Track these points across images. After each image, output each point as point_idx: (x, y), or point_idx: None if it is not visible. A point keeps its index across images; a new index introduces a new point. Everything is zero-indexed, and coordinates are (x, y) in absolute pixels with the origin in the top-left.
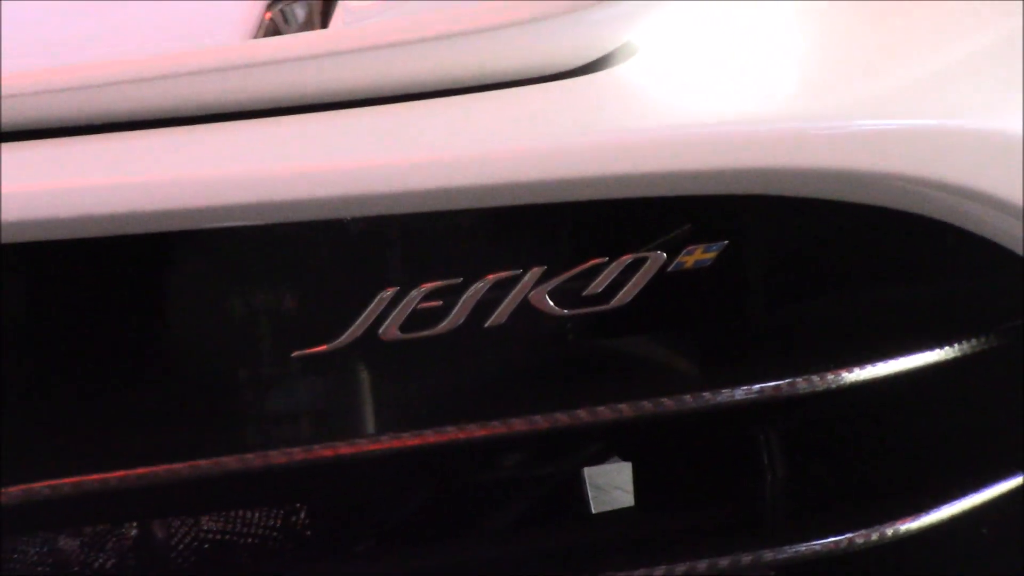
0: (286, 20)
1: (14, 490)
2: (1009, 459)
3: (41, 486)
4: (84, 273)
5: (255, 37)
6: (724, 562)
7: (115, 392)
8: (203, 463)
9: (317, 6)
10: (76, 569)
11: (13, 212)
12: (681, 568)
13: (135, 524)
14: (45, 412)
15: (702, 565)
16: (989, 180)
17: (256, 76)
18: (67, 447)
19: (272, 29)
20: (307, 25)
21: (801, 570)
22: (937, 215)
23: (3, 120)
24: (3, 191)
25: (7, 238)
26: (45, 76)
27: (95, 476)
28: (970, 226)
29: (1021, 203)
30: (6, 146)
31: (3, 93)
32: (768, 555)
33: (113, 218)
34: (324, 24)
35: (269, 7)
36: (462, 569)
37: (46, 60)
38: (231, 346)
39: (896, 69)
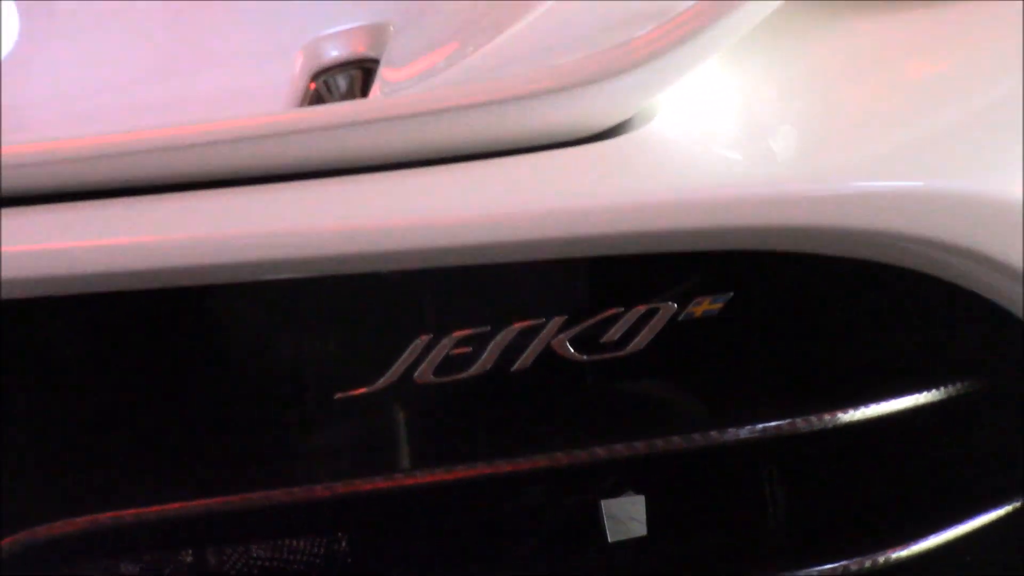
0: (329, 90)
1: (81, 520)
2: (989, 494)
3: (110, 516)
4: (159, 320)
5: (301, 105)
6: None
7: (185, 430)
8: (254, 496)
9: (358, 76)
10: None
11: (117, 262)
12: None
13: (192, 551)
14: (123, 450)
15: None
16: (970, 237)
17: (303, 141)
18: (139, 481)
19: (316, 98)
20: (348, 95)
21: None
22: (922, 268)
23: (100, 177)
24: (111, 242)
25: (98, 287)
26: (127, 138)
27: (166, 506)
28: (953, 278)
29: (997, 256)
30: (113, 201)
31: (94, 154)
32: None
33: (190, 270)
34: (364, 93)
35: (314, 78)
36: None
37: (114, 125)
38: (282, 388)
39: (886, 133)
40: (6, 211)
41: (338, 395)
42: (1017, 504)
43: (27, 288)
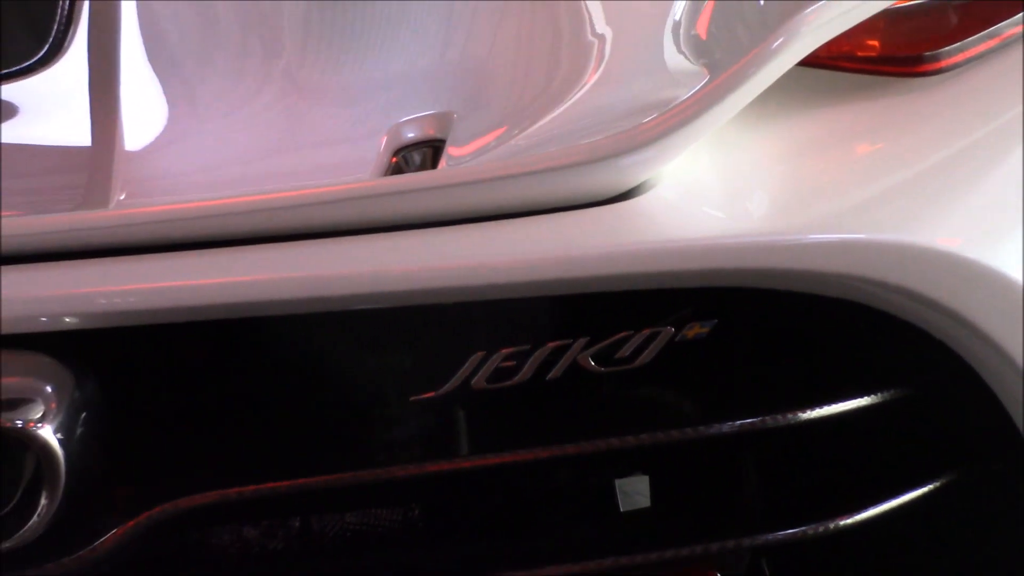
0: (406, 163)
1: (213, 493)
2: (916, 475)
3: (236, 491)
4: (283, 339)
5: (385, 175)
6: (714, 547)
7: (296, 424)
8: (347, 476)
9: (428, 153)
10: (254, 550)
11: (259, 293)
12: (685, 551)
13: (299, 519)
14: (248, 439)
15: (698, 549)
16: (899, 276)
17: (387, 202)
18: (259, 463)
19: (396, 169)
20: (421, 167)
21: (770, 552)
22: (863, 300)
23: (241, 229)
24: (258, 278)
25: (236, 314)
26: (262, 198)
27: (280, 483)
28: (886, 308)
29: (920, 290)
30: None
31: (237, 211)
32: (746, 541)
33: (311, 300)
34: (434, 166)
35: (395, 154)
36: (523, 546)
37: (248, 189)
38: (371, 392)
39: (836, 197)
40: (183, 253)
41: (412, 398)
42: (938, 483)
43: (189, 313)
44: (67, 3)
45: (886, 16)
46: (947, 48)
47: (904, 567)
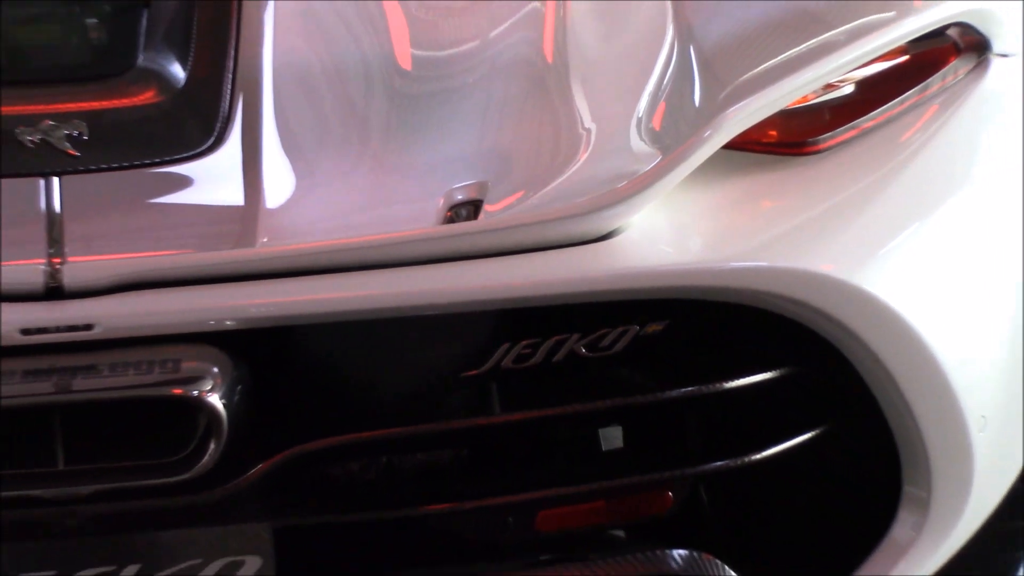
0: (457, 216)
1: (336, 438)
2: (799, 424)
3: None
4: (368, 336)
5: (443, 224)
6: (667, 475)
7: (383, 391)
8: (419, 427)
9: (471, 209)
10: (354, 479)
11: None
12: (647, 478)
13: (386, 457)
14: (356, 400)
15: (656, 476)
16: (800, 292)
17: (445, 242)
18: (358, 418)
19: (450, 220)
20: (467, 218)
21: (704, 479)
22: (769, 308)
23: (349, 261)
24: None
25: (343, 318)
26: (354, 242)
27: (373, 432)
28: (786, 312)
29: (813, 302)
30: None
31: (333, 249)
32: (688, 471)
33: (397, 308)
34: (475, 218)
35: (449, 210)
36: (537, 475)
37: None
38: (435, 370)
39: (751, 239)
40: (306, 278)
41: (462, 374)
42: (818, 430)
43: (309, 318)
44: (226, 107)
45: (781, 114)
46: (823, 136)
47: (794, 491)
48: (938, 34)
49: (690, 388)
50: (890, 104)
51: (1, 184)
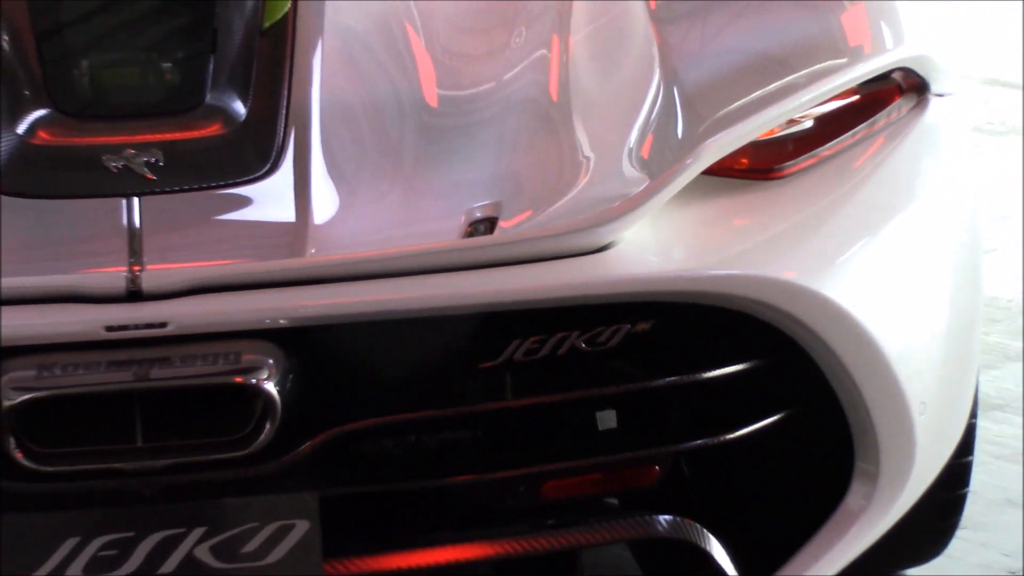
0: (476, 231)
1: (372, 420)
2: (767, 408)
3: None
4: (400, 332)
5: (463, 238)
6: (654, 451)
7: (412, 380)
8: (444, 411)
9: (488, 225)
10: (388, 454)
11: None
12: (637, 453)
13: (415, 435)
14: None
15: (645, 452)
16: (766, 295)
17: (465, 254)
18: (391, 402)
19: (470, 234)
20: (485, 233)
21: (687, 455)
22: (734, 307)
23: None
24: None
25: (379, 317)
26: (390, 252)
27: (404, 415)
28: (754, 313)
29: (777, 304)
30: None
31: (374, 259)
32: (672, 448)
33: (422, 308)
34: (491, 232)
35: (469, 226)
36: (542, 450)
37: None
38: (457, 361)
39: (726, 250)
40: (346, 283)
41: (480, 365)
42: (783, 413)
43: (349, 317)
44: (280, 138)
45: (751, 145)
46: (787, 163)
47: (763, 465)
48: (884, 77)
49: (673, 378)
50: (843, 136)
51: (90, 203)
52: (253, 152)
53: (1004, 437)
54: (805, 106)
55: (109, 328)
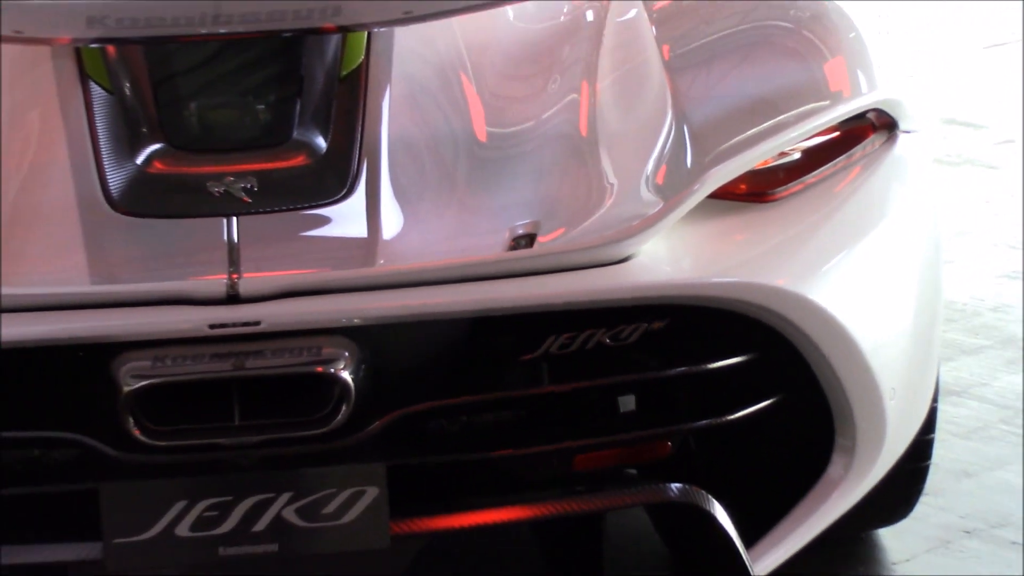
0: (518, 246)
1: (431, 403)
2: (765, 392)
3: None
4: (451, 331)
5: (508, 251)
6: (666, 429)
7: (465, 368)
8: (493, 394)
9: (528, 240)
10: (445, 432)
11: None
12: (651, 432)
13: (467, 415)
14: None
15: (658, 431)
16: (760, 299)
17: (515, 263)
18: (446, 388)
19: (513, 248)
20: (526, 247)
21: (694, 434)
22: (734, 309)
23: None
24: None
25: (436, 317)
26: (446, 263)
27: (462, 398)
28: (750, 313)
29: (769, 306)
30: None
31: (434, 268)
32: (683, 427)
33: (474, 310)
34: (531, 246)
35: (513, 240)
36: (571, 428)
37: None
38: (502, 354)
39: (729, 260)
40: (410, 289)
41: (521, 357)
42: (774, 398)
43: (411, 316)
44: (355, 167)
45: (749, 173)
46: (778, 188)
47: (758, 442)
48: (860, 116)
49: (683, 368)
50: (826, 166)
51: (196, 222)
52: (332, 179)
53: (960, 418)
54: (794, 141)
55: (212, 326)
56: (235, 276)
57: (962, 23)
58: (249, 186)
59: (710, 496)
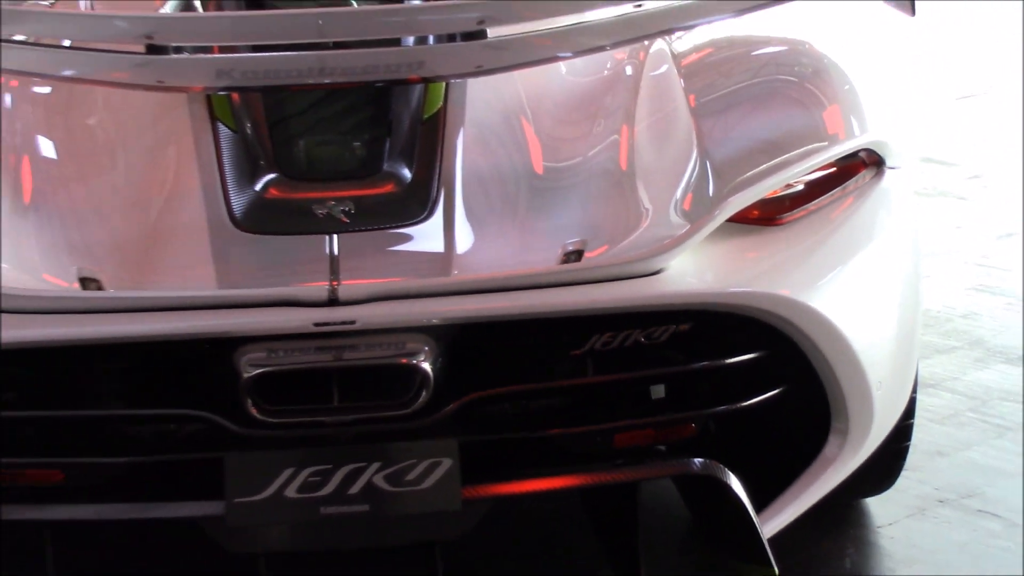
0: (568, 260)
1: (496, 389)
2: (770, 384)
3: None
4: (505, 331)
5: (560, 264)
6: (689, 414)
7: (518, 363)
8: (548, 383)
9: (576, 255)
10: (507, 413)
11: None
12: (677, 416)
13: (510, 402)
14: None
15: (681, 415)
16: (769, 305)
17: (565, 275)
18: (507, 376)
19: (564, 261)
20: (575, 261)
21: (714, 418)
22: (747, 314)
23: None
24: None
25: (497, 319)
26: (511, 274)
27: (509, 387)
28: (761, 317)
29: (776, 311)
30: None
31: (500, 278)
32: (704, 411)
33: (529, 315)
34: (580, 260)
35: (564, 255)
36: (605, 412)
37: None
38: (550, 350)
39: (741, 273)
40: (476, 295)
41: (570, 352)
42: (779, 389)
43: (477, 319)
44: (434, 194)
45: (760, 201)
46: (785, 214)
47: (766, 425)
48: (853, 155)
49: (704, 362)
50: (825, 196)
51: (303, 238)
52: (415, 204)
53: (935, 407)
54: (798, 175)
55: (316, 324)
56: (335, 283)
57: (938, 76)
58: (347, 209)
59: (727, 469)
